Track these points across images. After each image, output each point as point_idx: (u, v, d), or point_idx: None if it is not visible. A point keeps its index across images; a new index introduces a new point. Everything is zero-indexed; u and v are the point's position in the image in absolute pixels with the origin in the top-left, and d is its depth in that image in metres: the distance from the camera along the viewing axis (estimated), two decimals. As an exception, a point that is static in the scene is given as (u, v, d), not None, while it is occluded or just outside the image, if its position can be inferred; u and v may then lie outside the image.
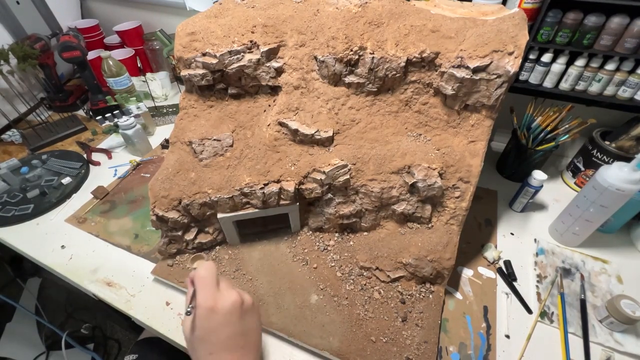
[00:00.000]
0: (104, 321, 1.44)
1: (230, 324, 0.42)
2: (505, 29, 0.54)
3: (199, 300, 0.41)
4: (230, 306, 0.42)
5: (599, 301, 0.62)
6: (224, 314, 0.41)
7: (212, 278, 0.44)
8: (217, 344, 0.41)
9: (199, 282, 0.43)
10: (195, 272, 0.44)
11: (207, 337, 0.41)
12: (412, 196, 0.61)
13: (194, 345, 0.42)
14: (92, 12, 1.49)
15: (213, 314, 0.41)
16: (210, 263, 0.45)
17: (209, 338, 0.41)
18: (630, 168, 0.58)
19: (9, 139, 1.06)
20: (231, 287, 0.45)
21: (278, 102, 0.64)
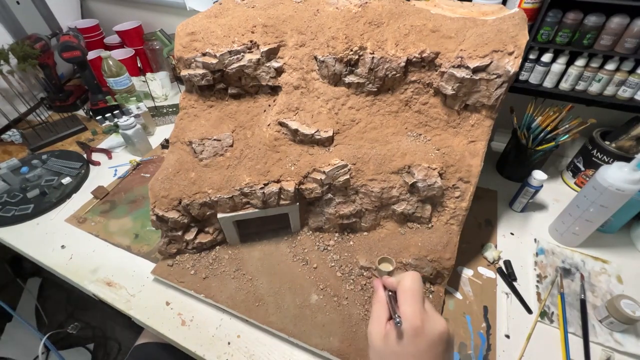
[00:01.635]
0: (104, 321, 1.44)
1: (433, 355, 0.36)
2: (505, 29, 0.54)
3: (406, 314, 0.36)
4: (439, 335, 0.36)
5: (599, 301, 0.62)
6: (430, 341, 0.36)
7: (421, 293, 0.38)
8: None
9: (405, 294, 0.38)
10: (401, 280, 0.39)
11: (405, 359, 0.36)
12: (412, 196, 0.61)
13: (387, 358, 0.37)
14: (92, 12, 1.49)
15: (418, 336, 0.35)
16: (416, 274, 0.40)
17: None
18: (630, 168, 0.58)
19: (9, 139, 1.06)
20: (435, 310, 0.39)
21: (278, 102, 0.64)
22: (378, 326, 0.39)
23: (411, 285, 0.38)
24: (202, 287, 0.63)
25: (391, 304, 0.39)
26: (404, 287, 0.39)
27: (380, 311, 0.40)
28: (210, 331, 0.60)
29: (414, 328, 0.35)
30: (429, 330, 0.36)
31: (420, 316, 0.36)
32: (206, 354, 0.57)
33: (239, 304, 0.61)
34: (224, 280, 0.64)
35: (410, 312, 0.36)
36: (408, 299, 0.38)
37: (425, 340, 0.36)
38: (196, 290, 0.63)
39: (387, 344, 0.37)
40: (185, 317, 0.62)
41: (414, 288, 0.38)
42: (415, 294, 0.38)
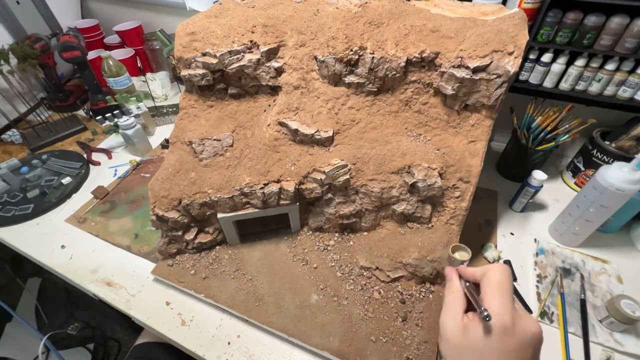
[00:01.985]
0: (104, 321, 1.44)
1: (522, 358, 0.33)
2: (505, 29, 0.54)
3: (494, 309, 0.33)
4: (531, 337, 0.33)
5: (599, 301, 0.62)
6: (520, 342, 0.32)
7: (510, 289, 0.35)
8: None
9: (493, 288, 0.35)
10: (488, 272, 0.36)
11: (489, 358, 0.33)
12: (412, 196, 0.61)
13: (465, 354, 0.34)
14: (92, 12, 1.49)
15: (508, 336, 0.32)
16: (506, 267, 0.36)
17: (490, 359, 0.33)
18: (630, 168, 0.58)
19: (9, 139, 1.06)
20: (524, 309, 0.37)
21: (278, 102, 0.64)
22: (454, 318, 0.36)
23: (500, 279, 0.35)
24: (202, 287, 0.63)
25: (473, 295, 0.36)
26: (492, 280, 0.35)
27: (456, 302, 0.37)
28: (210, 331, 0.60)
29: (503, 325, 0.32)
30: (520, 330, 0.32)
31: (510, 313, 0.33)
32: (206, 354, 0.57)
33: (239, 304, 0.61)
34: (224, 280, 0.64)
35: (500, 308, 0.33)
36: (496, 293, 0.34)
37: (515, 340, 0.32)
38: (196, 290, 0.63)
39: (467, 339, 0.34)
40: (185, 317, 0.62)
41: (504, 282, 0.35)
42: (504, 289, 0.34)
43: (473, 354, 0.33)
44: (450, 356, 0.35)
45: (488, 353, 0.32)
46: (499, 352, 0.32)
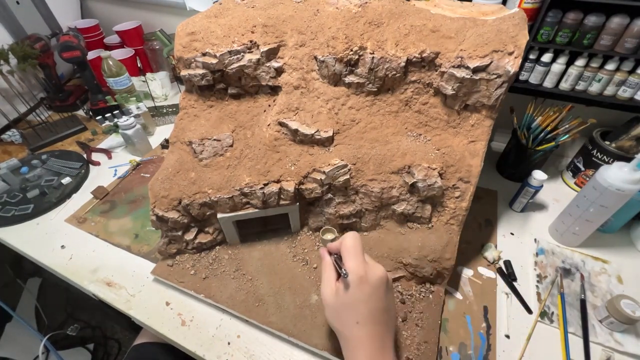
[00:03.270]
0: (104, 321, 1.44)
1: (377, 298, 0.42)
2: (505, 29, 0.54)
3: (351, 267, 0.42)
4: (379, 279, 0.42)
5: (599, 301, 0.62)
6: (373, 286, 0.42)
7: (361, 247, 0.44)
8: (364, 314, 0.41)
9: (348, 250, 0.43)
10: (343, 241, 0.45)
11: (356, 306, 0.41)
12: (412, 196, 0.61)
13: (339, 312, 0.43)
14: (92, 12, 1.49)
15: (363, 284, 0.41)
16: (355, 233, 0.45)
17: (357, 307, 0.41)
18: (630, 168, 0.58)
19: (9, 139, 1.06)
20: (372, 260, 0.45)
21: (278, 102, 0.64)
22: (329, 286, 0.44)
23: (352, 243, 0.44)
24: (202, 287, 0.63)
25: (337, 264, 0.44)
26: (347, 246, 0.44)
27: (329, 274, 0.46)
28: (210, 331, 0.60)
29: (358, 277, 0.41)
30: (372, 276, 0.42)
31: (363, 266, 0.42)
32: (206, 354, 0.57)
33: (239, 304, 0.61)
34: (224, 280, 0.64)
35: (355, 265, 0.42)
36: (351, 254, 0.43)
37: (369, 285, 0.42)
38: (196, 290, 0.63)
39: (337, 298, 0.43)
40: (185, 317, 0.62)
41: (355, 244, 0.44)
42: (356, 250, 0.44)
43: (345, 307, 0.42)
44: (331, 317, 0.44)
45: (353, 302, 0.41)
46: (360, 298, 0.41)
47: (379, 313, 0.42)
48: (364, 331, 0.41)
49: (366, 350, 0.41)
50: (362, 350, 0.41)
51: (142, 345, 0.75)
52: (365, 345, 0.41)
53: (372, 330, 0.41)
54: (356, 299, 0.41)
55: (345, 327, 0.42)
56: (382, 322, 0.43)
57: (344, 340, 0.43)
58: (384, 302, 0.43)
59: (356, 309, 0.41)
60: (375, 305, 0.42)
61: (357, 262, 0.42)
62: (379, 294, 0.42)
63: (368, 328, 0.41)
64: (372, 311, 0.42)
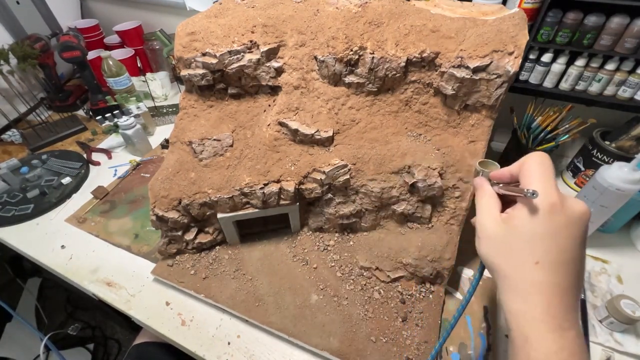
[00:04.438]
0: (104, 321, 1.45)
1: (572, 237, 0.30)
2: (505, 29, 0.54)
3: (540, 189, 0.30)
4: (580, 214, 0.30)
5: (599, 301, 0.62)
6: (570, 220, 0.30)
7: (552, 170, 0.32)
8: (551, 253, 0.30)
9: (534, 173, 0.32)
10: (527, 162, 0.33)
11: (539, 241, 0.30)
12: (412, 196, 0.61)
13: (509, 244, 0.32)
14: (92, 12, 1.49)
15: (555, 213, 0.30)
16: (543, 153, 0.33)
17: (541, 242, 0.30)
18: (630, 168, 0.58)
19: (9, 139, 1.06)
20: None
21: (278, 102, 0.64)
22: (493, 216, 0.34)
23: (540, 162, 0.32)
24: (202, 287, 0.63)
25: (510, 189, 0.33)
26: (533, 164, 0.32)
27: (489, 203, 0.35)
28: (210, 331, 0.60)
29: (550, 203, 0.30)
30: (568, 207, 0.30)
31: (557, 192, 0.30)
32: (206, 354, 0.57)
33: (239, 304, 0.61)
34: (224, 280, 0.64)
35: (545, 187, 0.30)
36: (538, 175, 0.31)
37: (564, 218, 0.30)
38: (196, 290, 0.63)
39: (512, 226, 0.32)
40: (185, 317, 0.62)
41: (545, 165, 0.32)
42: (547, 172, 0.31)
43: (520, 238, 0.31)
44: (495, 251, 0.33)
45: (536, 234, 0.30)
46: (548, 231, 0.30)
47: (571, 258, 0.30)
48: (546, 276, 0.30)
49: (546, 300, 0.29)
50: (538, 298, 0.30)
51: (142, 344, 0.75)
52: (545, 294, 0.30)
53: (557, 278, 0.30)
54: (542, 231, 0.30)
55: (514, 266, 0.32)
56: (572, 272, 0.30)
57: (508, 283, 0.32)
58: (579, 246, 0.30)
59: (539, 245, 0.30)
60: (568, 245, 0.30)
61: (548, 185, 0.30)
62: (576, 232, 0.30)
63: (552, 273, 0.30)
64: (562, 252, 0.30)
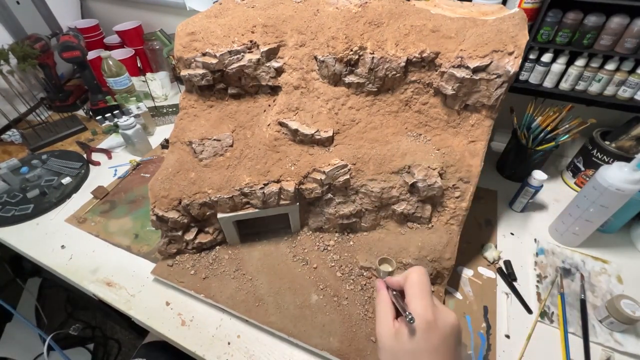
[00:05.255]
0: (104, 321, 1.45)
1: (448, 349, 0.35)
2: (505, 29, 0.54)
3: (417, 310, 0.35)
4: (451, 327, 0.36)
5: (599, 301, 0.62)
6: (444, 335, 0.35)
7: (429, 287, 0.38)
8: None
9: (414, 289, 0.37)
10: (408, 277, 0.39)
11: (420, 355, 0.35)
12: (412, 196, 0.61)
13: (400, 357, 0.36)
14: (92, 12, 1.49)
15: (431, 331, 0.35)
16: (422, 269, 0.39)
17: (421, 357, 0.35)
18: (630, 168, 0.58)
19: (9, 139, 1.06)
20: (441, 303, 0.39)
21: (278, 102, 0.64)
22: (386, 325, 0.38)
23: (419, 279, 0.38)
24: (202, 287, 0.63)
25: (399, 302, 0.38)
26: (412, 282, 0.38)
27: (386, 310, 0.39)
28: (210, 331, 0.60)
29: (426, 322, 0.35)
30: (441, 323, 0.35)
31: (432, 310, 0.35)
32: (206, 354, 0.57)
33: (239, 304, 0.61)
34: (224, 280, 0.64)
35: (422, 307, 0.35)
36: (417, 293, 0.37)
37: (438, 334, 0.35)
38: (196, 290, 0.63)
39: (399, 342, 0.36)
40: (185, 317, 0.62)
41: (422, 282, 0.38)
42: (424, 289, 0.37)
43: (406, 355, 0.36)
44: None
45: (418, 352, 0.35)
46: (426, 348, 0.35)
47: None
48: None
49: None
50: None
51: (151, 344, 0.75)
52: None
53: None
54: (422, 348, 0.35)
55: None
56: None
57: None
58: (455, 351, 0.36)
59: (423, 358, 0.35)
60: (446, 355, 0.35)
61: (424, 304, 0.36)
62: (449, 344, 0.36)
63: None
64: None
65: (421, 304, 0.36)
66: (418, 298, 0.36)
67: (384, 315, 0.39)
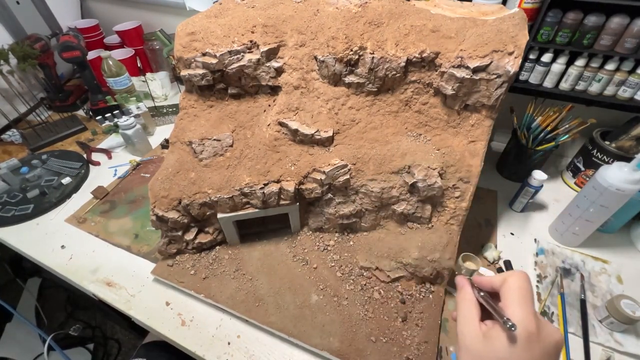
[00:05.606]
0: (104, 321, 1.44)
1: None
2: (505, 29, 0.54)
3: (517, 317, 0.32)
4: (555, 345, 0.32)
5: (599, 301, 0.62)
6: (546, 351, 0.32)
7: (532, 295, 0.34)
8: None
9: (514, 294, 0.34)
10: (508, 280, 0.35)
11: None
12: (412, 196, 0.61)
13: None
14: (92, 12, 1.49)
15: (532, 343, 0.32)
16: (525, 274, 0.35)
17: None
18: (630, 168, 0.58)
19: (9, 139, 1.06)
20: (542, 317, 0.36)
21: (278, 102, 0.64)
22: (472, 325, 0.35)
23: (521, 285, 0.34)
24: (202, 287, 0.63)
25: (491, 304, 0.35)
26: (512, 286, 0.34)
27: (470, 309, 0.37)
28: (210, 331, 0.60)
29: (528, 332, 0.31)
30: (545, 337, 0.32)
31: (534, 321, 0.32)
32: (206, 354, 0.57)
33: (239, 304, 0.61)
34: (224, 280, 0.64)
35: (523, 315, 0.32)
36: (518, 300, 0.33)
37: (540, 348, 0.32)
38: (196, 290, 0.63)
39: (490, 347, 0.33)
40: (185, 317, 0.62)
41: (524, 287, 0.34)
42: (526, 296, 0.34)
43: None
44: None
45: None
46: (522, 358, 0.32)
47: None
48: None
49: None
50: None
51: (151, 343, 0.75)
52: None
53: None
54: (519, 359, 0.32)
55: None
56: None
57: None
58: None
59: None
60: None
61: (527, 313, 0.32)
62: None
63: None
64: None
65: (523, 311, 0.32)
66: (518, 305, 0.33)
67: (469, 315, 0.36)
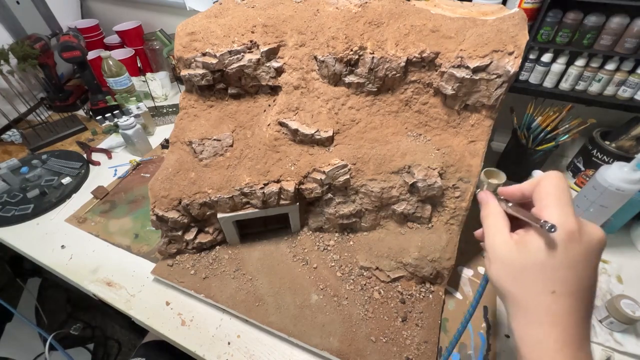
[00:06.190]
0: (104, 321, 1.45)
1: (588, 266, 0.29)
2: (505, 28, 0.54)
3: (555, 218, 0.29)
4: (598, 242, 0.29)
5: (599, 301, 0.62)
6: (588, 249, 0.29)
7: (569, 194, 0.31)
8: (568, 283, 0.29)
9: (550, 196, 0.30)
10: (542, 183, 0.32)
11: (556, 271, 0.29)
12: (412, 196, 0.61)
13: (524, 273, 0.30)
14: (92, 12, 1.49)
15: (573, 243, 0.29)
16: (560, 173, 0.32)
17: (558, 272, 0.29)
18: (630, 168, 0.58)
19: (9, 139, 1.06)
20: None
21: (278, 102, 0.64)
22: (503, 235, 0.33)
23: (556, 185, 0.31)
24: (202, 287, 0.63)
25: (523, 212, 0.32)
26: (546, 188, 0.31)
27: (500, 222, 0.34)
28: (210, 331, 0.60)
29: (569, 232, 0.28)
30: (586, 236, 0.29)
31: (574, 219, 0.29)
32: (206, 354, 0.57)
33: (239, 304, 0.61)
34: (224, 280, 0.64)
35: (562, 216, 0.29)
36: (555, 200, 0.30)
37: (582, 247, 0.29)
38: (196, 290, 0.63)
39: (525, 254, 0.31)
40: (185, 317, 0.62)
41: (561, 187, 0.31)
42: (563, 195, 0.30)
43: (535, 266, 0.30)
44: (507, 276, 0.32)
45: (553, 267, 0.29)
46: (565, 262, 0.29)
47: (587, 286, 0.30)
48: (563, 306, 0.29)
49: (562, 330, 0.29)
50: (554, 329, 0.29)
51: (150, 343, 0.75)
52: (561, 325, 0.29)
53: (573, 307, 0.29)
54: (558, 262, 0.29)
55: (528, 294, 0.30)
56: (588, 300, 0.30)
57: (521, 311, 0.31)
58: (595, 272, 0.30)
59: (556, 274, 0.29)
60: (585, 274, 0.29)
61: (566, 212, 0.29)
62: (590, 262, 0.29)
63: (569, 303, 0.29)
64: (579, 281, 0.29)
65: (562, 211, 0.29)
66: (556, 206, 0.30)
67: (498, 225, 0.34)
